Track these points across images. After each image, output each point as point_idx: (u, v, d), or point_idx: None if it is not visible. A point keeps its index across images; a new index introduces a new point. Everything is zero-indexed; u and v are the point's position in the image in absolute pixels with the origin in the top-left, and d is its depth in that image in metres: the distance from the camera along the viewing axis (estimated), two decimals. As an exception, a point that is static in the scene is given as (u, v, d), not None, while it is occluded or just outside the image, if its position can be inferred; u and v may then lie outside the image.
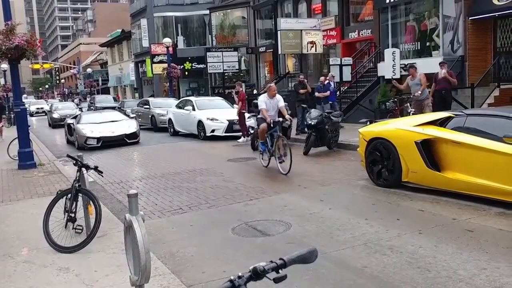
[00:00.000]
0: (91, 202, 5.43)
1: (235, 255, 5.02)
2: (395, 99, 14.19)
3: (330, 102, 15.79)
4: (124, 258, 3.89)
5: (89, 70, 60.98)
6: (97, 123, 16.34)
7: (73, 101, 46.74)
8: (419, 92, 12.08)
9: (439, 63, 13.21)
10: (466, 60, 15.98)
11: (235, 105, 16.81)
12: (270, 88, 10.47)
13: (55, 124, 27.19)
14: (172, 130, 18.49)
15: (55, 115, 27.94)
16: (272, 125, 9.88)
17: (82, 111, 27.47)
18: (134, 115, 19.76)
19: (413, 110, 12.17)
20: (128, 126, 16.59)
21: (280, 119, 10.08)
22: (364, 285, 4.13)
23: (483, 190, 6.27)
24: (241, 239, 5.52)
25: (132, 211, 3.20)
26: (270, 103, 10.16)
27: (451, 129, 6.97)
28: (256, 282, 1.66)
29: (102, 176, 7.91)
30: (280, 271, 1.64)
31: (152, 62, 34.23)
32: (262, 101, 10.13)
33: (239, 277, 1.58)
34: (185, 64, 34.83)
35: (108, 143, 15.64)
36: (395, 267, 4.43)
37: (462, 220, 5.75)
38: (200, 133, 16.38)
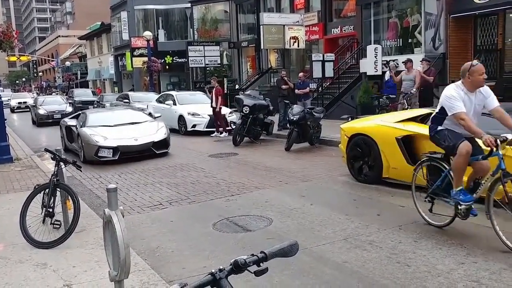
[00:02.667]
0: (69, 197, 5.35)
1: (216, 250, 5.00)
2: (390, 95, 14.17)
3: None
4: (103, 253, 3.84)
5: (67, 63, 60.02)
6: (111, 126, 11.75)
7: (56, 94, 44.89)
8: (414, 89, 12.16)
9: (421, 60, 13.34)
10: (447, 58, 16.17)
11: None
12: (477, 69, 4.89)
13: (41, 122, 23.23)
14: (153, 125, 18.30)
15: (41, 111, 23.55)
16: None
17: (74, 106, 25.67)
18: (159, 115, 14.40)
19: (409, 106, 12.08)
20: (156, 130, 11.86)
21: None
22: (344, 280, 4.14)
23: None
24: (222, 235, 5.49)
25: (111, 205, 3.15)
26: (470, 102, 4.99)
27: (431, 125, 7.02)
28: (237, 275, 1.64)
29: (81, 171, 7.76)
30: (261, 264, 1.63)
31: (132, 56, 33.85)
32: (457, 97, 4.88)
33: (220, 270, 1.57)
34: (166, 58, 34.54)
35: (128, 154, 11.00)
36: (375, 262, 4.45)
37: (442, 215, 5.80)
38: (181, 128, 16.27)
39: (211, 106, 15.41)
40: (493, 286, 3.87)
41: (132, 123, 12.12)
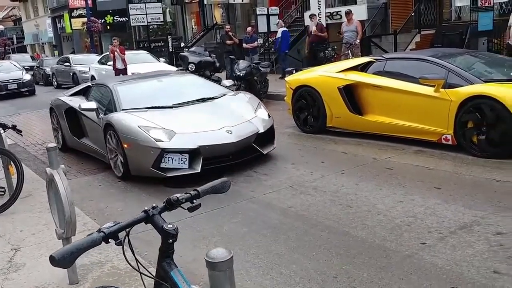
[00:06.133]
0: (11, 163, 5.21)
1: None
2: (335, 47, 14.40)
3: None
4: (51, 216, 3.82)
5: (1, 27, 56.65)
6: (169, 108, 6.53)
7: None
8: (358, 40, 12.36)
9: (309, 16, 13.68)
10: (389, 7, 16.41)
11: (162, 60, 16.40)
12: None
13: None
14: (96, 87, 17.75)
15: None
16: None
17: (33, 74, 21.54)
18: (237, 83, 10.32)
19: (353, 57, 12.25)
20: (253, 110, 6.64)
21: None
22: (290, 223, 4.32)
23: (402, 131, 6.63)
24: (171, 190, 5.55)
25: (53, 164, 3.13)
26: None
27: (372, 73, 7.23)
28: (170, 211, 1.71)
29: (22, 136, 7.51)
30: (194, 201, 1.70)
31: (71, 17, 32.37)
32: None
33: (154, 208, 1.63)
34: (106, 18, 33.09)
35: (217, 161, 5.88)
36: (319, 205, 4.66)
37: (382, 159, 6.09)
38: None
39: (114, 69, 14.93)
40: (427, 219, 4.15)
41: (204, 100, 6.80)
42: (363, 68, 7.40)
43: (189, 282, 1.54)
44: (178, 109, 6.49)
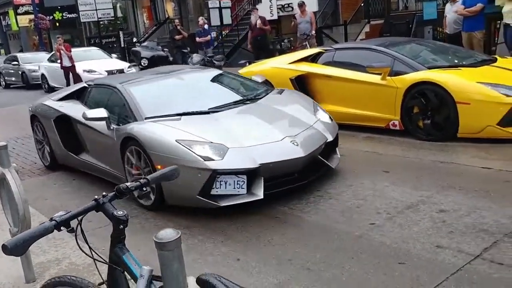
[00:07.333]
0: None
1: (119, 202, 5.03)
2: (291, 39, 14.59)
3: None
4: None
5: None
6: (206, 114, 5.13)
7: None
8: (314, 31, 12.61)
9: (251, 10, 14.03)
10: (339, -1, 16.78)
11: (114, 56, 16.16)
12: None
13: None
14: (47, 86, 17.33)
15: None
16: None
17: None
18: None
19: (309, 47, 12.50)
20: (312, 112, 5.40)
21: None
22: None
23: (352, 118, 6.85)
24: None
25: (4, 163, 3.11)
26: None
27: (322, 64, 7.43)
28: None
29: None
30: (144, 189, 1.77)
31: (16, 14, 31.30)
32: None
33: (104, 196, 1.70)
34: (55, 14, 32.18)
35: (281, 182, 4.55)
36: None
37: (334, 146, 6.27)
38: (79, 87, 15.54)
39: (62, 67, 14.79)
40: (376, 201, 4.35)
41: (245, 101, 5.52)
42: (313, 59, 7.58)
43: (141, 264, 1.62)
44: (217, 114, 5.05)
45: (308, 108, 5.41)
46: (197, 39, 15.47)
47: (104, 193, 1.72)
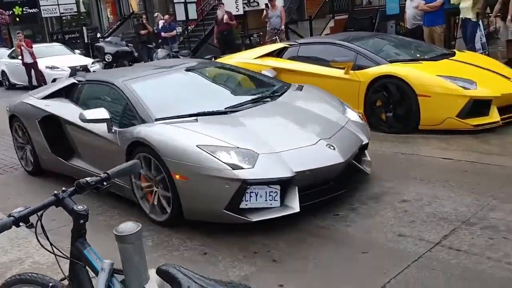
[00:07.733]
0: None
1: (81, 198, 4.96)
2: (260, 33, 14.60)
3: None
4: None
5: None
6: (225, 114, 4.48)
7: None
8: (283, 26, 12.67)
9: (217, 5, 14.13)
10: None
11: (77, 52, 15.83)
12: None
13: None
14: (7, 83, 16.89)
15: None
16: None
17: None
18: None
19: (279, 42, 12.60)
20: (341, 110, 4.87)
21: None
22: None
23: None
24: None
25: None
26: None
27: (287, 59, 7.48)
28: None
29: None
30: (104, 183, 1.77)
31: (-26, 8, 30.21)
32: None
33: (63, 191, 1.68)
34: (14, 9, 31.29)
35: (317, 196, 4.03)
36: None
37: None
38: (41, 84, 15.22)
39: (23, 63, 14.49)
40: (341, 194, 4.40)
41: (264, 99, 4.93)
42: (278, 53, 7.62)
43: (102, 258, 1.62)
44: (236, 114, 4.42)
45: (335, 107, 4.85)
46: (162, 34, 15.33)
47: (63, 188, 1.70)
